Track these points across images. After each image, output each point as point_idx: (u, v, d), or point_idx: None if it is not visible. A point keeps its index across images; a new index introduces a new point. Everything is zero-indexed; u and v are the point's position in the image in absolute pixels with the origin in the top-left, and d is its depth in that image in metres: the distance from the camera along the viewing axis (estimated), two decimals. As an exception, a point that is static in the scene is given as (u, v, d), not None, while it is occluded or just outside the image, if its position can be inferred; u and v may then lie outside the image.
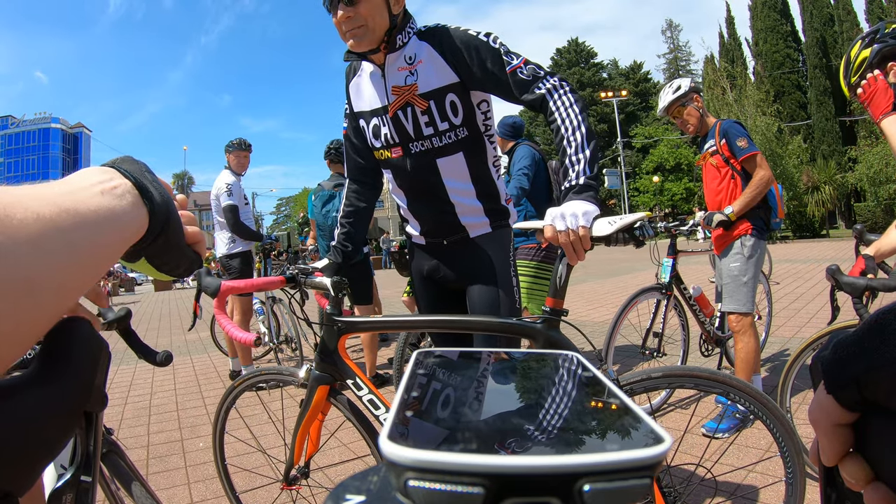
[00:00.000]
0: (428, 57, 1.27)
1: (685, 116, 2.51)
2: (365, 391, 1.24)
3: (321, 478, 1.85)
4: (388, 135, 1.35)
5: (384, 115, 1.34)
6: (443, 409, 0.27)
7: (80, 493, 0.74)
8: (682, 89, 2.49)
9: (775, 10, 24.50)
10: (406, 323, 1.44)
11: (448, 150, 1.31)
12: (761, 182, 2.31)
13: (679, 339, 2.87)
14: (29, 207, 0.25)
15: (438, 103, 1.27)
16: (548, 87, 1.19)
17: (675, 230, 2.65)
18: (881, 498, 0.27)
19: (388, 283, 8.16)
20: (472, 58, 1.24)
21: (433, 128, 1.29)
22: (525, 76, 1.21)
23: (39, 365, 0.27)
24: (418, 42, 1.29)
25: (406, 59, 1.29)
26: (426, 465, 0.19)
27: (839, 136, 21.69)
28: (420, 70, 1.28)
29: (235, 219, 3.49)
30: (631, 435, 0.22)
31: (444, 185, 1.35)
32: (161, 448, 2.55)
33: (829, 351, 0.30)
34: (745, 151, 2.34)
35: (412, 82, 1.28)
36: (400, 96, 1.30)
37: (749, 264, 2.37)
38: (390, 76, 1.31)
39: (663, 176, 31.36)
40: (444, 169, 1.33)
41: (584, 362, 0.33)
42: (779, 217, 2.48)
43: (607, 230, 1.02)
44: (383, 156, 1.40)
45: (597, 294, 7.16)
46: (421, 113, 1.28)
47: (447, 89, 1.27)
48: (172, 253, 0.40)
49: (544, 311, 1.12)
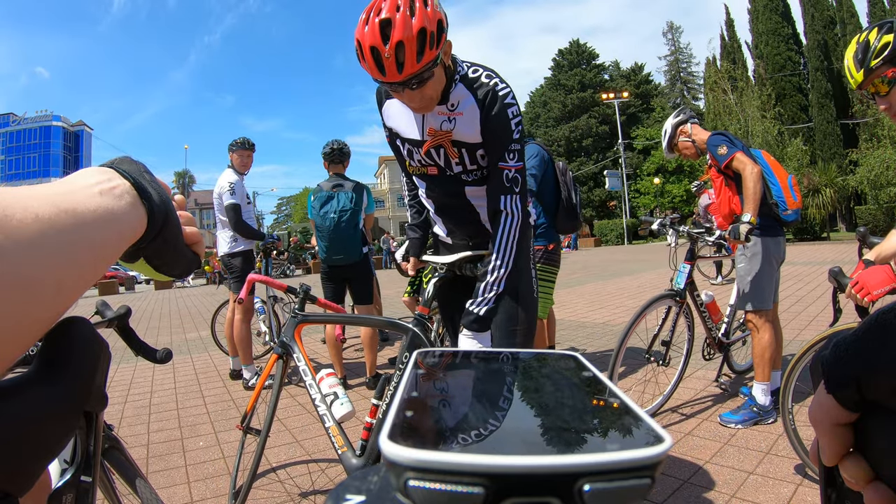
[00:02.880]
0: (469, 112, 1.31)
1: (682, 151, 2.75)
2: (302, 363, 1.67)
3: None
4: (422, 160, 1.44)
5: (418, 148, 1.41)
6: (443, 408, 0.27)
7: (80, 493, 0.74)
8: (668, 132, 2.76)
9: (777, 13, 24.48)
10: (338, 319, 1.98)
11: (477, 182, 1.41)
12: (752, 177, 2.30)
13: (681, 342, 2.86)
14: (28, 207, 0.25)
15: (470, 153, 1.36)
16: (505, 206, 1.33)
17: (699, 236, 2.56)
18: (881, 498, 0.27)
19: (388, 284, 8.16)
20: (490, 136, 1.32)
21: (462, 167, 1.39)
22: (504, 180, 1.32)
23: (39, 365, 0.27)
24: (464, 91, 1.32)
25: (448, 107, 1.33)
26: (426, 465, 0.19)
27: (840, 139, 21.67)
28: (458, 121, 1.32)
29: (237, 217, 3.49)
30: (631, 435, 0.22)
31: (471, 203, 1.46)
32: (161, 447, 2.55)
33: (829, 351, 0.30)
34: (725, 157, 2.38)
35: (448, 129, 1.34)
36: (434, 138, 1.36)
37: (753, 262, 2.38)
38: (429, 116, 1.35)
39: (664, 178, 31.34)
40: (471, 193, 1.44)
41: (584, 362, 0.33)
42: (790, 208, 2.43)
43: (455, 258, 1.50)
44: (417, 172, 1.49)
45: (598, 295, 7.15)
46: (452, 156, 1.37)
47: (478, 146, 1.35)
48: (171, 253, 0.40)
49: (416, 316, 1.56)
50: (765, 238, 2.38)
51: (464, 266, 1.51)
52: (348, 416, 1.60)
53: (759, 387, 2.39)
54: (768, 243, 2.39)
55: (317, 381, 1.64)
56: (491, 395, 0.30)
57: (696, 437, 2.23)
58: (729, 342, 2.83)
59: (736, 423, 2.32)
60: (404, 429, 0.22)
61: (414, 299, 3.98)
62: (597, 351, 3.94)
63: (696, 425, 2.36)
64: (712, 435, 2.24)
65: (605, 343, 4.17)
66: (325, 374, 1.70)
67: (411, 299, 4.03)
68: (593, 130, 35.20)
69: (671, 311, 2.51)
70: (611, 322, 5.09)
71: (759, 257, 2.38)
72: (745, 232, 2.27)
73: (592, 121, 35.08)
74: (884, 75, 1.38)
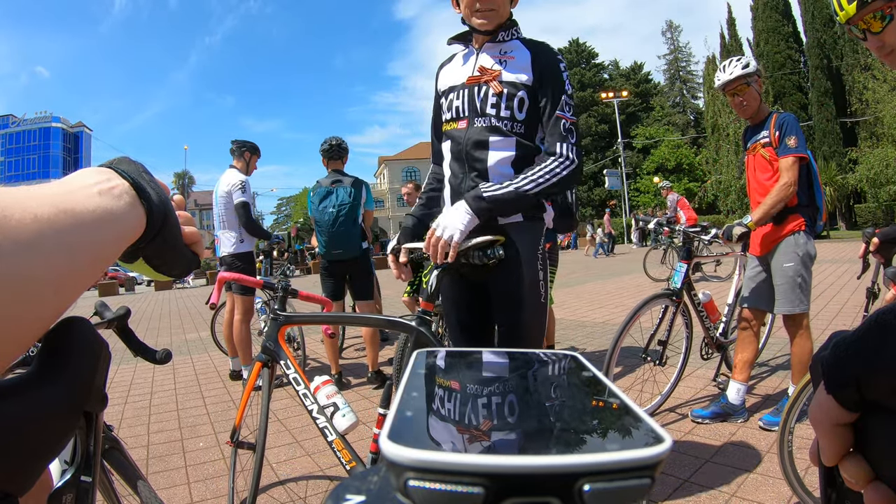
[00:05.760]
0: (520, 56, 1.43)
1: (745, 97, 2.33)
2: (292, 370, 1.53)
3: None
4: (460, 107, 1.48)
5: (462, 89, 1.47)
6: (443, 408, 0.27)
7: (80, 493, 0.74)
8: (751, 67, 2.30)
9: (777, 11, 24.50)
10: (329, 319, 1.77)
11: (503, 132, 1.42)
12: (783, 188, 2.20)
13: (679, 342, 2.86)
14: (27, 208, 0.25)
15: (509, 94, 1.41)
16: (562, 151, 1.36)
17: (695, 236, 2.53)
18: (881, 498, 0.27)
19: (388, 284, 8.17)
20: (546, 79, 1.40)
21: (496, 110, 1.42)
22: (562, 129, 1.37)
23: (39, 365, 0.27)
24: (520, 45, 1.45)
25: (501, 51, 1.46)
26: (426, 465, 0.19)
27: (840, 138, 21.67)
28: (508, 63, 1.43)
29: (247, 215, 3.48)
30: (631, 435, 0.22)
31: (488, 161, 1.44)
32: (161, 448, 2.55)
33: (829, 351, 0.30)
34: (789, 151, 2.21)
35: (498, 68, 1.44)
36: (483, 74, 1.45)
37: (803, 264, 2.27)
38: (482, 57, 1.47)
39: (664, 177, 31.35)
40: (494, 145, 1.43)
41: (584, 362, 0.33)
42: (822, 220, 2.39)
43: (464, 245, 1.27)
44: (450, 126, 1.51)
45: (598, 295, 7.15)
46: (493, 94, 1.42)
47: (522, 86, 1.41)
48: (170, 253, 0.40)
49: (418, 313, 1.42)
50: (809, 241, 2.30)
51: (471, 254, 1.35)
52: (352, 427, 1.49)
53: (736, 386, 2.38)
54: (811, 247, 2.31)
55: (312, 391, 1.51)
56: (491, 395, 0.30)
57: (696, 437, 2.23)
58: (727, 341, 2.83)
59: (703, 418, 2.37)
60: (404, 429, 0.22)
61: (414, 300, 3.98)
62: (596, 350, 3.94)
63: (695, 425, 2.36)
64: (712, 434, 2.24)
65: (604, 342, 4.17)
66: (321, 383, 1.57)
67: (411, 300, 4.02)
68: (593, 129, 35.21)
69: (668, 310, 2.50)
70: (610, 321, 5.09)
71: (809, 259, 2.29)
72: (737, 234, 2.24)
73: (592, 120, 35.10)
74: (880, 10, 1.14)
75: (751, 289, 2.47)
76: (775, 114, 2.34)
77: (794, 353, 2.32)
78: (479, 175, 1.43)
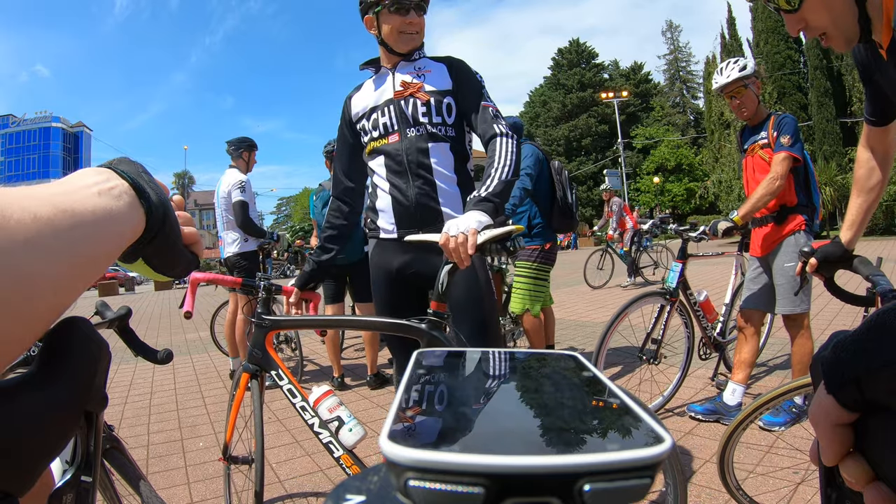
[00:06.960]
0: (436, 69, 1.55)
1: (743, 99, 2.35)
2: (285, 381, 1.40)
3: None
4: (387, 123, 1.53)
5: (388, 106, 1.54)
6: (443, 408, 0.27)
7: (81, 493, 0.74)
8: (749, 69, 2.31)
9: (776, 11, 24.49)
10: (321, 322, 1.66)
11: (438, 138, 1.51)
12: (770, 181, 2.19)
13: (678, 341, 2.86)
14: (26, 208, 0.25)
15: (437, 101, 1.50)
16: (501, 130, 1.45)
17: (685, 234, 2.53)
18: (881, 498, 0.27)
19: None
20: (463, 81, 1.53)
21: (429, 118, 1.50)
22: (491, 114, 1.48)
23: (39, 365, 0.27)
24: (431, 62, 1.57)
25: (416, 68, 1.56)
26: (426, 464, 0.18)
27: (840, 138, 21.66)
28: (427, 76, 1.54)
29: (244, 214, 3.49)
30: (631, 434, 0.22)
31: (432, 166, 1.50)
32: (161, 448, 2.55)
33: (829, 351, 0.29)
34: (782, 148, 2.21)
35: (419, 81, 1.53)
36: (406, 89, 1.53)
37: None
38: (399, 76, 1.55)
39: (664, 177, 31.35)
40: (434, 151, 1.51)
41: (584, 362, 0.33)
42: (818, 219, 2.39)
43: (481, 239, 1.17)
44: (380, 143, 1.55)
45: (598, 295, 7.15)
46: (421, 104, 1.50)
47: (446, 93, 1.52)
48: (169, 253, 0.40)
49: (428, 313, 1.26)
50: (810, 241, 2.27)
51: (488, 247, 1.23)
52: (361, 440, 1.37)
53: (733, 387, 2.38)
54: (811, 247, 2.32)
55: (311, 404, 1.38)
56: (491, 395, 0.30)
57: (696, 437, 2.23)
58: (725, 341, 2.83)
59: (696, 412, 2.40)
60: (404, 429, 0.22)
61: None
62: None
63: (696, 424, 2.36)
64: (712, 434, 2.24)
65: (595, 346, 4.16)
66: (321, 395, 1.41)
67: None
68: (593, 130, 35.20)
69: (663, 309, 2.49)
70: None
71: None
72: (722, 229, 2.24)
73: (592, 120, 35.08)
74: None
75: (752, 291, 2.46)
76: (774, 115, 2.34)
77: (795, 353, 2.32)
78: (425, 182, 1.49)
